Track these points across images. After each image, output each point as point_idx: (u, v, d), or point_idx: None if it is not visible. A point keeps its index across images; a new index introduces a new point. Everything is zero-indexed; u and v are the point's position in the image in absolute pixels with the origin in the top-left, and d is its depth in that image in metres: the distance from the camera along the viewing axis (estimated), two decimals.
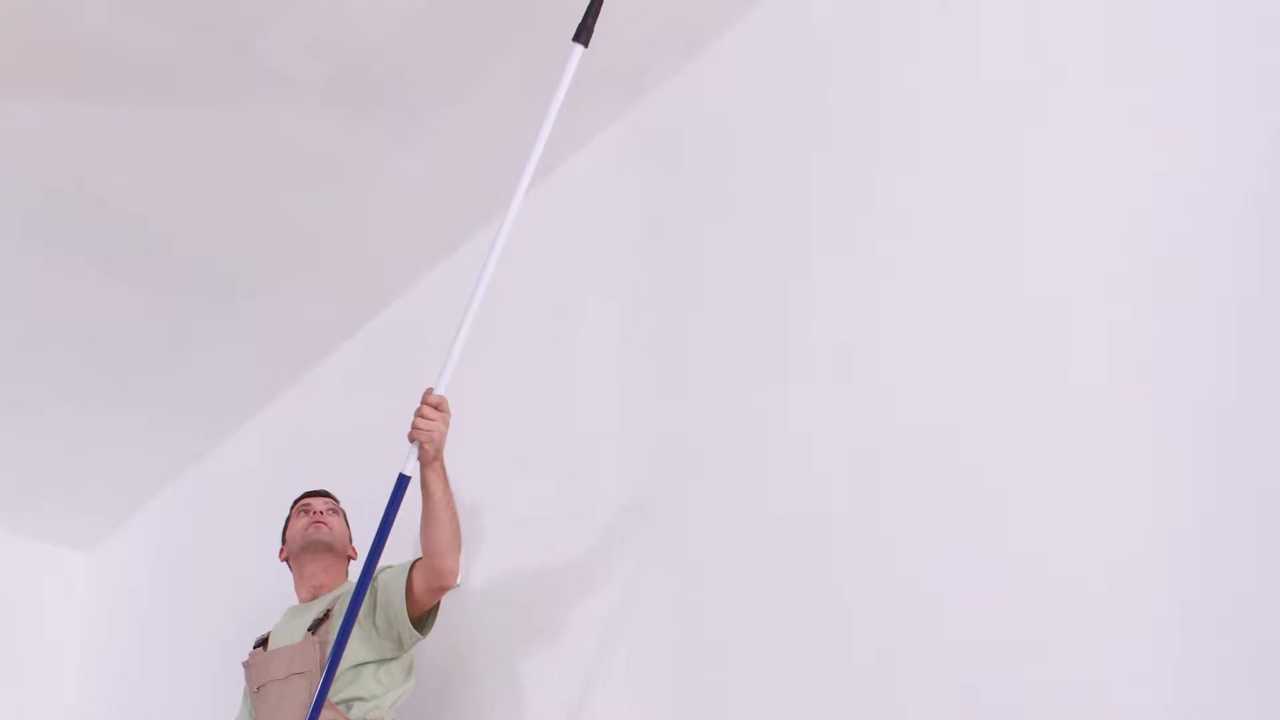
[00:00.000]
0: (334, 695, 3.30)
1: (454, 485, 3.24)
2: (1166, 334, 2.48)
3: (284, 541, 3.83)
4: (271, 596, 3.98)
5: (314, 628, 3.49)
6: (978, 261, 2.83)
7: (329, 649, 3.25)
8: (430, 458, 3.12)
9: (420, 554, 3.32)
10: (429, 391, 3.05)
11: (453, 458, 3.20)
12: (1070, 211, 2.69)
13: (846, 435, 2.97)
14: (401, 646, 3.42)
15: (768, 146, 3.39)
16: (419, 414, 3.06)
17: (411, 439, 3.07)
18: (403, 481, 2.98)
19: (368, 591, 3.31)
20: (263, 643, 3.66)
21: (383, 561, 3.05)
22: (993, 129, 2.90)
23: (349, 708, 3.32)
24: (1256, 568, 2.28)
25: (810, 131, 3.29)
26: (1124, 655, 2.40)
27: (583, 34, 3.02)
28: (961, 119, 2.96)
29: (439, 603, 3.40)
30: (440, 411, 3.07)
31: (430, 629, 3.42)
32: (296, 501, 3.86)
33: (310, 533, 3.73)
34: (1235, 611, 2.29)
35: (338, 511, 3.82)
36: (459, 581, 3.42)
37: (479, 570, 3.75)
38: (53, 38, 3.47)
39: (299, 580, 3.75)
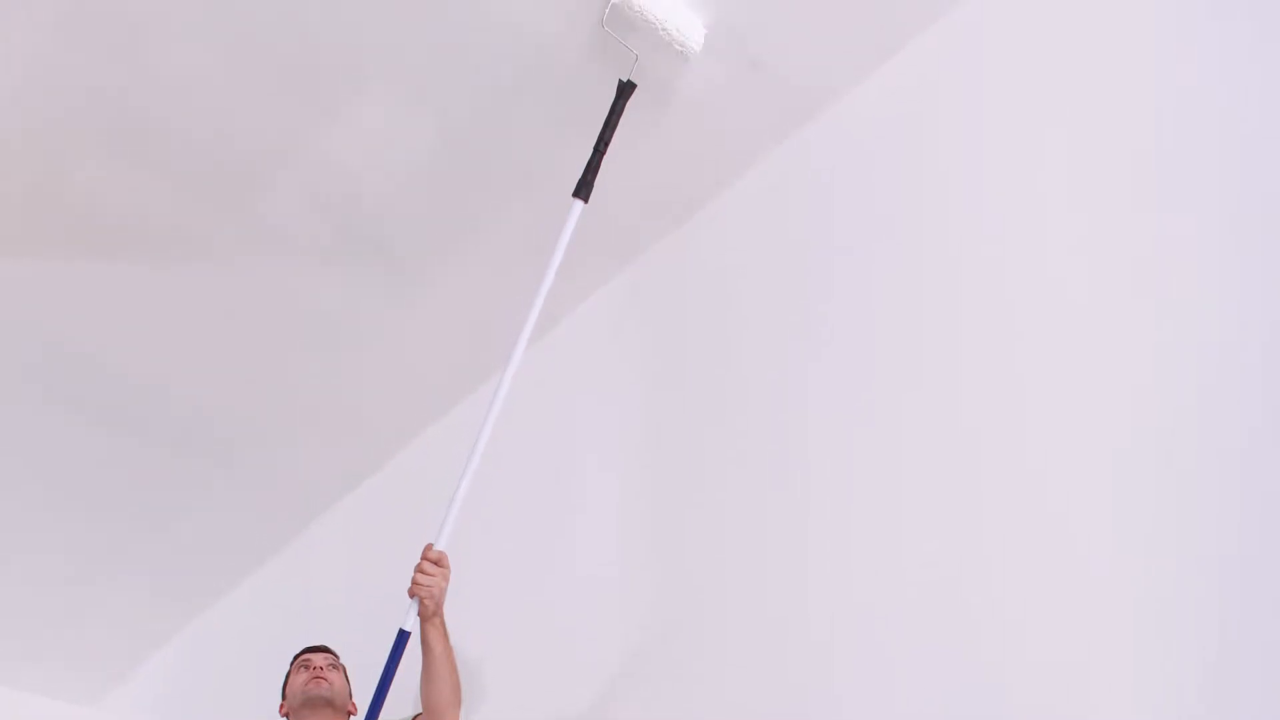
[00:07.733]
0: None
1: (454, 640, 3.23)
2: (1168, 489, 2.50)
3: (284, 697, 3.80)
4: None
5: None
6: (981, 414, 2.85)
7: None
8: (430, 613, 3.11)
9: (420, 709, 3.31)
10: (429, 547, 3.05)
11: (453, 613, 3.19)
12: (1073, 372, 2.73)
13: (848, 590, 2.97)
14: None
15: (767, 302, 3.42)
16: (419, 569, 3.05)
17: (411, 594, 3.05)
18: (402, 637, 2.97)
19: None
20: None
21: (383, 716, 3.03)
22: (995, 278, 2.94)
23: None
24: None
25: (809, 286, 3.32)
26: None
27: (583, 189, 3.08)
28: (962, 272, 3.01)
29: None
30: (440, 567, 3.06)
31: None
32: (297, 657, 3.84)
33: (310, 688, 3.70)
34: None
35: (338, 667, 3.80)
36: None
37: None
38: (53, 197, 3.52)
39: None
